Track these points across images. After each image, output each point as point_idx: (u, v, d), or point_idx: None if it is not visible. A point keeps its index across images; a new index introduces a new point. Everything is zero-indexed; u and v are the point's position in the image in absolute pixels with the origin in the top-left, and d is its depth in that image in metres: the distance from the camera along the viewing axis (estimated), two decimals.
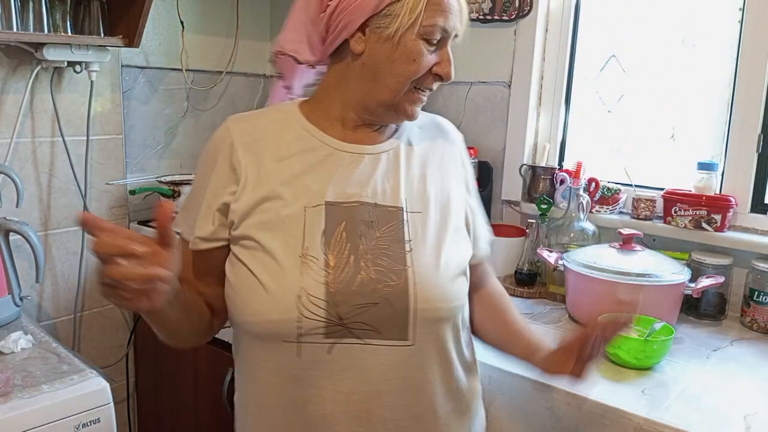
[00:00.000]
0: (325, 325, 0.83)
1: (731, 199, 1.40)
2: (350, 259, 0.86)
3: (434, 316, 0.87)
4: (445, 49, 0.90)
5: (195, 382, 1.74)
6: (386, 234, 0.88)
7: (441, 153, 0.99)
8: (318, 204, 0.88)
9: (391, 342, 0.85)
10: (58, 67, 1.67)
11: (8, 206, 1.54)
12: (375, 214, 0.89)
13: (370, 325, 0.84)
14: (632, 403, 1.00)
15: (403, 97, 0.90)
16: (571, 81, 1.69)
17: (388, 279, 0.85)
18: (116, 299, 0.71)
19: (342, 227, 0.87)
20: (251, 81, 2.18)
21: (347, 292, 0.84)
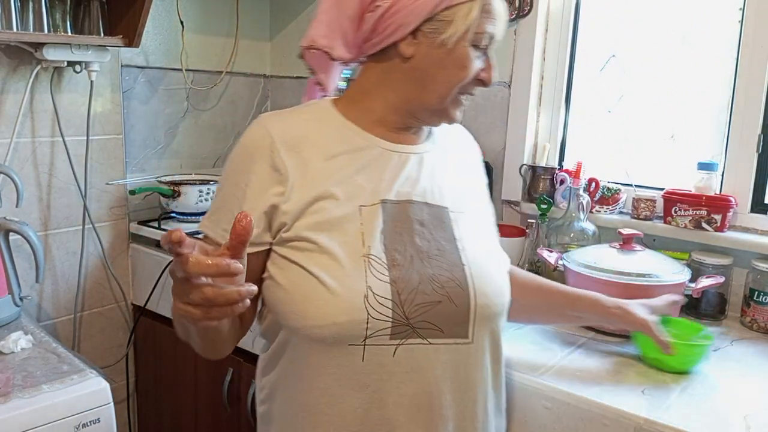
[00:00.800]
0: (391, 326, 0.82)
1: (731, 199, 1.40)
2: (412, 257, 0.86)
3: (492, 312, 0.89)
4: (490, 54, 0.91)
5: (195, 382, 1.74)
6: (439, 233, 0.89)
7: (466, 158, 1.05)
8: (374, 203, 0.87)
9: (453, 340, 0.86)
10: (58, 67, 1.67)
11: (8, 206, 1.54)
12: (427, 213, 0.90)
13: (433, 323, 0.84)
14: (632, 403, 1.00)
15: (450, 104, 0.91)
16: (571, 81, 1.69)
17: (449, 277, 0.86)
18: (202, 318, 0.67)
19: (399, 226, 0.87)
20: (251, 81, 2.18)
21: (411, 290, 0.83)
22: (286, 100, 2.20)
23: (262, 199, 0.86)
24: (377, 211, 0.87)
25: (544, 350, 1.21)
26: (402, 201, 0.89)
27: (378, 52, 0.91)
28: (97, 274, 1.85)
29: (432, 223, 0.90)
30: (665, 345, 1.05)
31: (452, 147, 1.02)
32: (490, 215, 1.05)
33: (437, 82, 0.88)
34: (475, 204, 1.00)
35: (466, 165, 1.04)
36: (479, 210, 1.00)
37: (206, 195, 1.85)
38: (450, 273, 0.86)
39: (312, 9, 2.08)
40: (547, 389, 1.06)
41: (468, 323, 0.86)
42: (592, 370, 1.12)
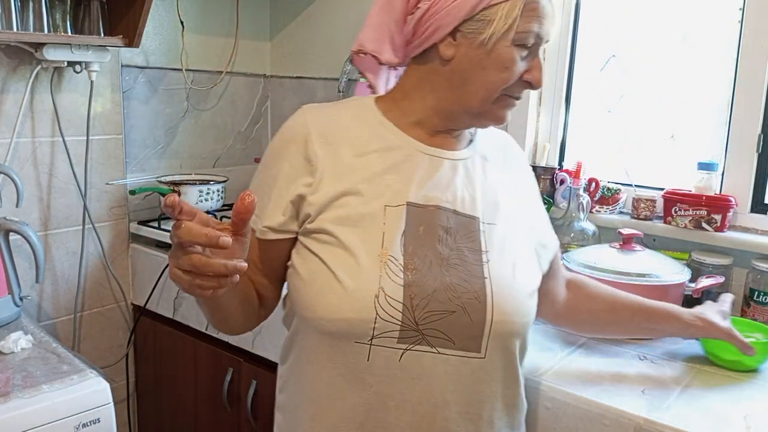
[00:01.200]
0: (399, 329, 0.81)
1: (731, 199, 1.40)
2: (431, 263, 0.84)
3: (509, 330, 0.86)
4: (537, 54, 0.88)
5: (195, 382, 1.74)
6: (464, 242, 0.87)
7: (510, 169, 1.01)
8: (399, 204, 0.86)
9: (463, 353, 0.83)
10: (58, 67, 1.67)
11: (8, 206, 1.54)
12: (454, 221, 0.88)
13: (445, 333, 0.82)
14: (632, 403, 1.00)
15: (493, 106, 0.88)
16: (571, 81, 1.69)
17: (467, 288, 0.84)
18: (187, 285, 0.69)
19: (422, 230, 0.86)
20: (251, 81, 2.18)
21: (425, 296, 0.82)
22: (286, 100, 2.20)
23: (291, 188, 0.88)
24: (401, 213, 0.86)
25: (544, 350, 1.21)
26: (428, 206, 0.87)
27: (420, 54, 0.90)
28: (97, 274, 1.85)
29: (458, 231, 0.87)
30: (748, 347, 1.07)
31: (495, 156, 0.99)
32: (535, 231, 0.99)
33: (477, 84, 0.86)
34: (514, 217, 0.95)
35: (509, 176, 0.99)
36: (518, 224, 0.95)
37: (206, 195, 1.85)
38: (469, 284, 0.84)
39: (312, 9, 2.08)
40: (547, 389, 1.06)
41: (482, 338, 0.84)
42: (592, 370, 1.12)
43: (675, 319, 1.10)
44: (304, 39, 2.12)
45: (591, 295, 1.11)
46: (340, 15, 1.99)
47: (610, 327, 1.14)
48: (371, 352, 0.82)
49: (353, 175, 0.87)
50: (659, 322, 1.10)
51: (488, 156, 0.98)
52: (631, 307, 1.10)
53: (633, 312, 1.10)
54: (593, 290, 1.12)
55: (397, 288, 0.81)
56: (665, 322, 1.10)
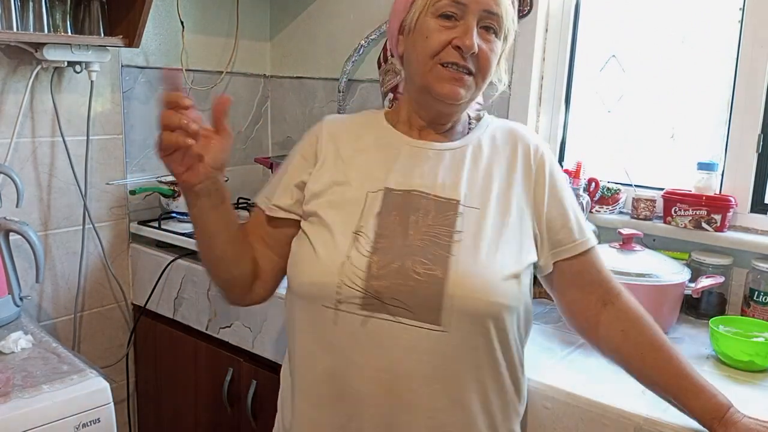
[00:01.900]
0: (362, 296, 0.88)
1: (731, 199, 1.40)
2: (398, 240, 0.91)
3: (472, 307, 0.87)
4: (467, 22, 0.92)
5: (195, 382, 1.74)
6: (438, 223, 0.92)
7: (509, 158, 1.01)
8: (378, 189, 0.95)
9: (422, 324, 0.87)
10: (58, 67, 1.67)
11: (8, 206, 1.54)
12: (430, 205, 0.94)
13: (404, 303, 0.87)
14: (632, 403, 1.00)
15: (429, 76, 0.95)
16: (571, 81, 1.69)
17: (430, 263, 0.88)
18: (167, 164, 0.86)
19: (397, 212, 0.93)
20: (251, 81, 2.18)
21: (388, 268, 0.88)
22: (286, 101, 2.20)
23: (297, 174, 1.02)
24: (379, 197, 0.95)
25: (544, 350, 1.21)
26: (406, 190, 0.95)
27: (401, 64, 1.05)
28: (97, 274, 1.85)
29: (433, 213, 0.93)
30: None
31: (496, 146, 1.02)
32: (525, 221, 0.97)
33: (414, 62, 0.97)
34: (504, 204, 0.96)
35: (508, 165, 1.00)
36: (508, 211, 0.96)
37: None
38: (433, 259, 0.89)
39: (312, 9, 2.08)
40: (547, 389, 1.06)
41: (440, 311, 0.87)
42: (592, 370, 1.12)
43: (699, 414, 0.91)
44: (304, 39, 2.12)
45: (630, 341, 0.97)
46: (340, 15, 1.99)
47: (629, 368, 0.99)
48: (338, 317, 0.89)
49: (348, 168, 0.99)
50: (682, 401, 0.93)
51: (486, 147, 1.01)
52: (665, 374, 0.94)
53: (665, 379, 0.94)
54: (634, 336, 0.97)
55: (362, 258, 0.89)
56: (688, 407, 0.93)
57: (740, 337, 1.16)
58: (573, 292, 1.02)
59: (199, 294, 1.67)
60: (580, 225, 1.02)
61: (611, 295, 1.00)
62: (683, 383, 0.92)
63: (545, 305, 1.47)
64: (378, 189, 0.95)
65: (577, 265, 1.01)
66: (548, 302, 1.49)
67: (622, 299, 1.00)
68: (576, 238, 1.00)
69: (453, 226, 0.91)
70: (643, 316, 0.99)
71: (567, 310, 1.04)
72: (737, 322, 1.23)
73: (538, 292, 1.52)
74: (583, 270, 1.01)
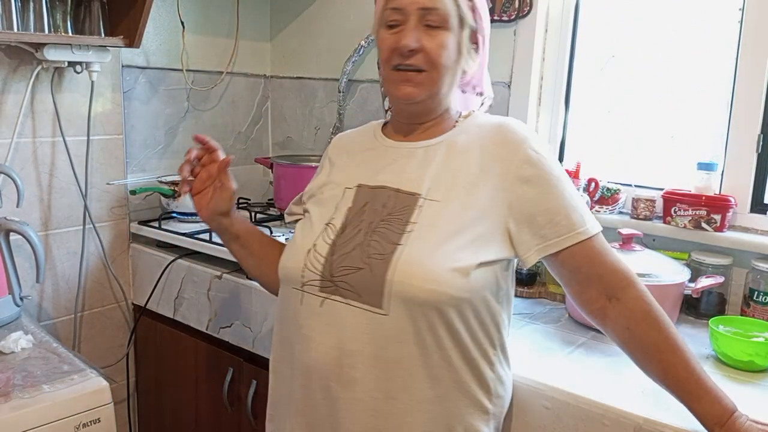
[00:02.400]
0: (320, 279, 0.97)
1: (731, 199, 1.40)
2: (360, 230, 0.98)
3: (411, 293, 0.90)
4: (408, 25, 0.98)
5: (195, 382, 1.75)
6: (395, 215, 0.97)
7: (486, 154, 1.00)
8: (353, 186, 1.04)
9: (367, 307, 0.93)
10: (59, 67, 1.67)
11: (9, 206, 1.54)
12: (394, 198, 0.99)
13: (352, 287, 0.94)
14: (632, 403, 1.00)
15: (388, 82, 1.03)
16: (571, 81, 1.69)
17: (379, 250, 0.94)
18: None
19: (364, 206, 1.01)
20: (251, 81, 2.19)
21: (344, 254, 0.96)
22: (287, 101, 2.20)
23: (312, 185, 1.15)
24: (353, 193, 1.03)
25: (544, 350, 1.21)
26: (375, 186, 1.02)
27: None
28: (98, 274, 1.85)
29: (395, 206, 0.98)
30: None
31: (473, 141, 1.02)
32: (491, 217, 0.96)
33: (381, 71, 1.04)
34: (469, 198, 0.96)
35: (482, 159, 0.99)
36: (471, 205, 0.95)
37: None
38: (381, 247, 0.94)
39: (312, 9, 2.09)
40: (547, 389, 1.06)
41: (382, 295, 0.92)
42: (592, 370, 1.12)
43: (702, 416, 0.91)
44: (304, 39, 2.12)
45: (635, 340, 0.96)
46: (340, 15, 1.99)
47: (639, 367, 0.99)
48: (303, 298, 0.99)
49: (339, 172, 1.10)
50: (685, 399, 0.93)
51: (462, 143, 1.03)
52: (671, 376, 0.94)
53: (670, 381, 0.94)
54: (639, 335, 0.96)
55: (325, 246, 0.99)
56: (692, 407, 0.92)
57: (740, 337, 1.16)
58: (574, 285, 1.01)
59: (199, 294, 1.68)
60: (569, 219, 0.96)
61: (616, 290, 0.97)
62: (688, 386, 0.92)
63: (545, 305, 1.48)
64: (353, 186, 1.04)
65: (569, 259, 0.98)
66: (548, 302, 1.50)
67: (629, 294, 0.96)
68: (562, 233, 0.96)
69: (409, 217, 0.96)
70: (651, 312, 0.95)
71: (574, 302, 1.03)
72: (737, 322, 1.23)
73: (538, 292, 1.53)
74: (578, 264, 0.98)
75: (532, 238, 0.97)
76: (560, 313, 1.41)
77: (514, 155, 0.98)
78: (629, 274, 0.99)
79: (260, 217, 1.87)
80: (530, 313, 1.41)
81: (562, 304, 1.46)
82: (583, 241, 0.97)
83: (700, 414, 0.91)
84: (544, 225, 0.97)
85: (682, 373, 0.92)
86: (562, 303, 1.46)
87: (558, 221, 0.97)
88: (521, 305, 1.45)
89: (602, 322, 0.99)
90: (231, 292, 1.59)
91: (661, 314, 0.95)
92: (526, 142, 0.99)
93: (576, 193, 1.00)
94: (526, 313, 1.40)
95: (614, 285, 0.98)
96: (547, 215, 0.97)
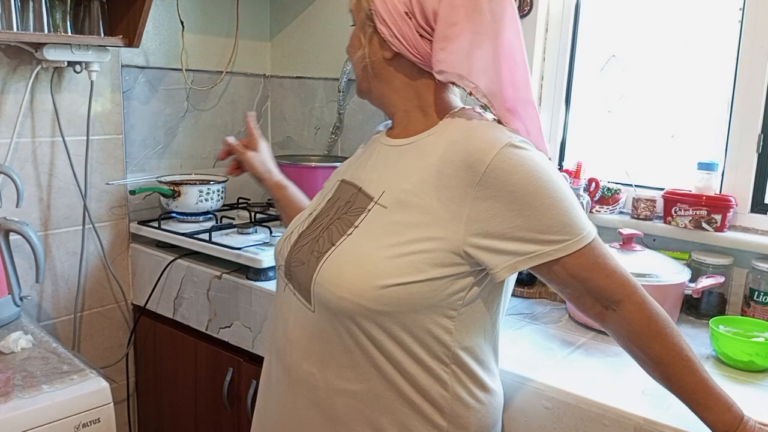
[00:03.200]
0: (284, 266, 1.01)
1: (731, 199, 1.40)
2: (320, 225, 1.00)
3: (326, 298, 0.92)
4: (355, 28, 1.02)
5: (195, 382, 1.74)
6: (347, 215, 0.97)
7: (448, 160, 0.90)
8: (337, 181, 1.06)
9: (303, 301, 0.96)
10: (58, 67, 1.67)
11: (8, 206, 1.54)
12: (355, 198, 0.99)
13: (296, 279, 0.97)
14: (632, 403, 1.00)
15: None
16: (571, 81, 1.69)
17: (319, 248, 0.96)
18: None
19: (336, 200, 1.02)
20: (251, 81, 2.18)
21: (300, 246, 0.99)
22: (286, 100, 2.20)
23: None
24: (335, 187, 1.05)
25: (544, 350, 1.21)
26: (349, 182, 1.03)
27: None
28: (97, 274, 1.85)
29: (351, 206, 0.98)
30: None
31: (436, 150, 0.92)
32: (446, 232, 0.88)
33: None
34: (411, 210, 0.90)
35: (442, 174, 0.90)
36: (411, 218, 0.89)
37: (206, 195, 1.85)
38: (322, 246, 0.96)
39: (312, 9, 2.08)
40: (547, 389, 1.06)
41: (310, 293, 0.94)
42: (592, 370, 1.12)
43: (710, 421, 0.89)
44: (304, 39, 2.12)
45: (636, 350, 0.93)
46: (340, 15, 1.99)
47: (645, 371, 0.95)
48: (278, 281, 1.04)
49: (341, 170, 1.10)
50: (694, 410, 0.90)
51: (428, 149, 0.93)
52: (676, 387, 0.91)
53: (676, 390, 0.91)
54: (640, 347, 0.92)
55: (296, 235, 1.02)
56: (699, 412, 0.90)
57: (740, 337, 1.16)
58: (566, 295, 0.96)
59: (199, 294, 1.67)
60: (540, 237, 0.87)
61: (612, 302, 0.91)
62: (696, 396, 0.89)
63: (545, 305, 1.47)
64: (337, 180, 1.07)
65: (551, 275, 0.91)
66: (548, 302, 1.49)
67: (625, 308, 0.90)
68: (529, 251, 0.87)
69: (354, 220, 0.95)
70: (651, 325, 0.89)
71: (572, 307, 1.03)
72: (737, 322, 1.23)
73: (538, 292, 1.53)
74: (563, 279, 0.90)
75: (498, 254, 0.87)
76: (560, 314, 1.41)
77: (479, 166, 0.87)
78: (626, 285, 0.90)
79: (260, 217, 1.87)
80: (530, 313, 1.41)
81: (562, 304, 1.46)
82: (565, 257, 0.87)
83: (710, 422, 0.88)
84: (513, 241, 0.87)
85: (689, 382, 0.89)
86: (562, 303, 1.46)
87: (530, 238, 0.87)
88: (521, 305, 1.45)
89: (603, 325, 0.95)
90: (231, 292, 1.59)
91: (663, 324, 0.89)
92: (493, 153, 0.87)
93: (560, 202, 0.88)
94: (526, 313, 1.40)
95: (608, 298, 0.91)
96: (514, 231, 0.87)
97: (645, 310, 0.90)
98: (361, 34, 0.99)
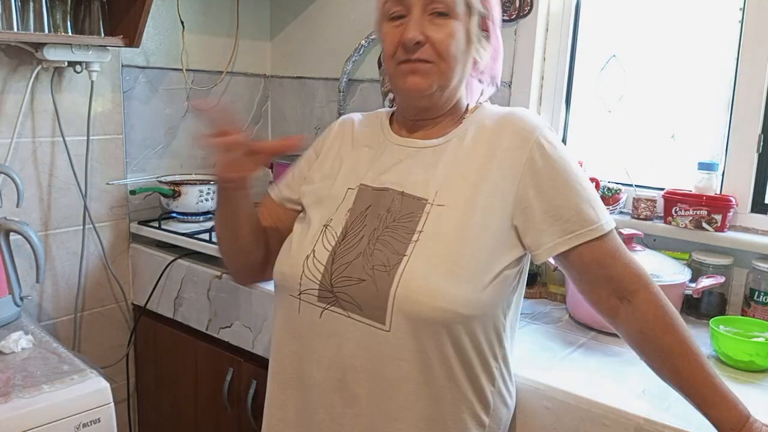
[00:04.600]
0: (318, 289, 0.92)
1: (731, 199, 1.40)
2: (362, 237, 0.92)
3: (414, 310, 0.85)
4: (412, 16, 0.92)
5: (195, 382, 1.74)
6: (401, 222, 0.92)
7: (493, 149, 0.94)
8: (354, 186, 0.98)
9: (369, 321, 0.88)
10: (59, 67, 1.67)
11: (8, 206, 1.54)
12: (399, 203, 0.93)
13: (353, 299, 0.89)
14: (632, 403, 1.00)
15: (394, 77, 0.96)
16: (571, 81, 1.69)
17: (383, 261, 0.89)
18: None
19: (366, 209, 0.95)
20: (251, 81, 2.18)
21: (345, 263, 0.91)
22: (287, 100, 2.20)
23: (306, 166, 1.09)
24: (354, 194, 0.98)
25: (544, 350, 1.21)
26: (379, 188, 0.96)
27: None
28: (98, 274, 1.85)
29: (401, 211, 0.93)
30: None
31: (481, 137, 0.95)
32: (501, 213, 0.91)
33: (385, 66, 0.99)
34: (474, 199, 0.91)
35: (490, 155, 0.93)
36: (479, 210, 0.90)
37: (206, 195, 1.85)
38: (386, 258, 0.89)
39: (312, 9, 2.08)
40: (547, 389, 1.06)
41: (385, 309, 0.87)
42: (592, 370, 1.12)
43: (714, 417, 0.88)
44: (304, 39, 2.12)
45: (648, 344, 0.93)
46: (340, 15, 1.99)
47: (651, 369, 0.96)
48: (301, 306, 0.94)
49: (341, 164, 1.03)
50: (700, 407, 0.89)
51: (469, 140, 0.96)
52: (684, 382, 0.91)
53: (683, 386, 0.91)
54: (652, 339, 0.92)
55: (324, 253, 0.93)
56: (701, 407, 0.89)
57: (740, 337, 1.15)
58: (583, 284, 0.97)
59: (199, 294, 1.67)
60: (581, 215, 0.91)
61: (627, 292, 0.92)
62: (703, 392, 0.88)
63: (546, 305, 1.47)
64: (355, 185, 0.98)
65: (577, 260, 0.93)
66: (548, 302, 1.50)
67: (640, 297, 0.92)
68: (573, 230, 0.90)
69: (415, 225, 0.90)
70: (665, 316, 0.91)
71: (585, 299, 0.98)
72: (737, 322, 1.23)
73: (538, 292, 1.53)
74: (587, 264, 0.93)
75: (541, 235, 0.91)
76: (561, 314, 1.41)
77: (524, 145, 0.92)
78: (642, 276, 0.93)
79: None
80: (531, 313, 1.41)
81: (563, 304, 1.46)
82: (594, 240, 0.91)
83: (716, 419, 0.87)
84: (554, 221, 0.90)
85: (698, 378, 0.89)
86: (563, 303, 1.46)
87: (569, 217, 0.90)
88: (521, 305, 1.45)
89: (613, 321, 0.95)
90: (231, 292, 1.59)
91: (675, 318, 0.91)
92: (536, 131, 0.93)
93: (590, 186, 0.94)
94: (527, 313, 1.40)
95: (624, 288, 0.93)
96: (558, 210, 0.91)
97: (659, 301, 0.92)
98: (469, 31, 0.95)
